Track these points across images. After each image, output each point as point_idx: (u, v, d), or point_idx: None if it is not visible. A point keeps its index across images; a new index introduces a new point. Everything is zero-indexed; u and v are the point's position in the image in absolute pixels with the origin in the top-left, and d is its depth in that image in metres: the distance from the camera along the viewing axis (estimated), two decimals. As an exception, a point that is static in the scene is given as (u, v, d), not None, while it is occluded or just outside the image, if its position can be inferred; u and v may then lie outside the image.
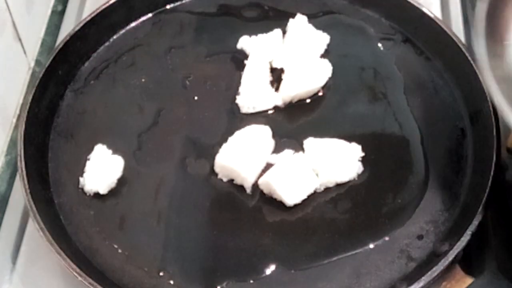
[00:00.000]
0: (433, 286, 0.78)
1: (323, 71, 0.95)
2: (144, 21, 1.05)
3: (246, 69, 0.95)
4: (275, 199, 0.86)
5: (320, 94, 0.96)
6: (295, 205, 0.85)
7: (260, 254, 0.83)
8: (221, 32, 1.00)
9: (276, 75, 0.96)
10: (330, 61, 0.97)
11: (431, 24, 0.99)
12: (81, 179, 0.88)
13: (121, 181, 0.89)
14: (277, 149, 0.90)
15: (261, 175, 0.86)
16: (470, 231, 0.79)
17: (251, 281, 0.81)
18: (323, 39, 1.00)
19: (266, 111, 0.94)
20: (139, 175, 0.88)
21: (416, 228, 0.84)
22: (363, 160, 0.88)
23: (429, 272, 0.77)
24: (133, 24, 1.05)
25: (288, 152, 0.88)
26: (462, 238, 0.78)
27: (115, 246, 0.84)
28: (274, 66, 0.97)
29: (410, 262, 0.82)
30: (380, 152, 0.90)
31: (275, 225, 0.85)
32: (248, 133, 0.89)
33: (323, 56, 0.99)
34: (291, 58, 0.95)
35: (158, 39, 1.03)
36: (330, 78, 0.96)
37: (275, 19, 1.03)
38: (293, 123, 0.93)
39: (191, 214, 0.86)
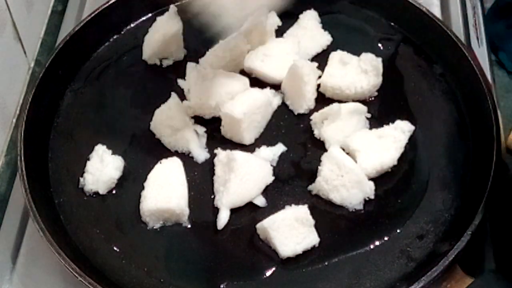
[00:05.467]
0: (433, 286, 0.78)
1: None
2: (144, 21, 1.05)
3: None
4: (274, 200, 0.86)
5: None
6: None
7: (260, 255, 0.83)
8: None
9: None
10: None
11: (431, 24, 0.99)
12: (81, 179, 0.88)
13: (121, 181, 0.89)
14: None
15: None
16: (470, 231, 0.79)
17: (251, 281, 0.81)
18: (325, 39, 1.00)
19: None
20: (139, 175, 0.88)
21: (416, 228, 0.84)
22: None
23: (429, 272, 0.77)
24: (133, 24, 1.05)
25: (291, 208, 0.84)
26: (462, 238, 0.78)
27: (115, 246, 0.84)
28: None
29: (410, 262, 0.82)
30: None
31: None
32: (161, 170, 0.87)
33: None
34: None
35: (158, 39, 1.03)
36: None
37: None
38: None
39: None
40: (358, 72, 0.94)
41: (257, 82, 0.96)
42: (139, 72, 1.00)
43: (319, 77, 0.95)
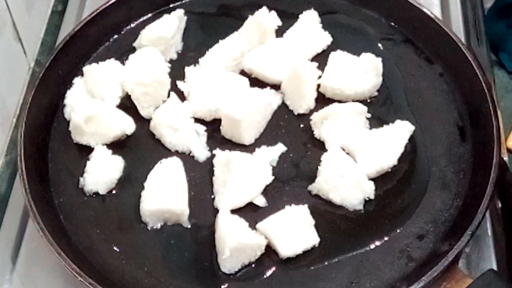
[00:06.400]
0: (433, 286, 0.78)
1: None
2: (144, 21, 1.05)
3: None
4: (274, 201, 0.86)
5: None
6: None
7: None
8: (221, 32, 1.00)
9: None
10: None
11: (431, 24, 0.99)
12: (81, 179, 0.88)
13: (121, 181, 0.89)
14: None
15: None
16: (470, 231, 0.79)
17: (251, 281, 0.81)
18: (325, 39, 1.00)
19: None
20: (139, 175, 0.88)
21: (416, 228, 0.84)
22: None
23: (429, 272, 0.77)
24: (133, 24, 1.05)
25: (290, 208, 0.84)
26: (462, 238, 0.78)
27: (115, 246, 0.84)
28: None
29: (410, 262, 0.82)
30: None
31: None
32: (161, 170, 0.87)
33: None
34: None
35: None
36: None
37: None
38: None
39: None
40: (358, 72, 0.94)
41: (257, 82, 0.96)
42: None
43: (319, 77, 0.95)
